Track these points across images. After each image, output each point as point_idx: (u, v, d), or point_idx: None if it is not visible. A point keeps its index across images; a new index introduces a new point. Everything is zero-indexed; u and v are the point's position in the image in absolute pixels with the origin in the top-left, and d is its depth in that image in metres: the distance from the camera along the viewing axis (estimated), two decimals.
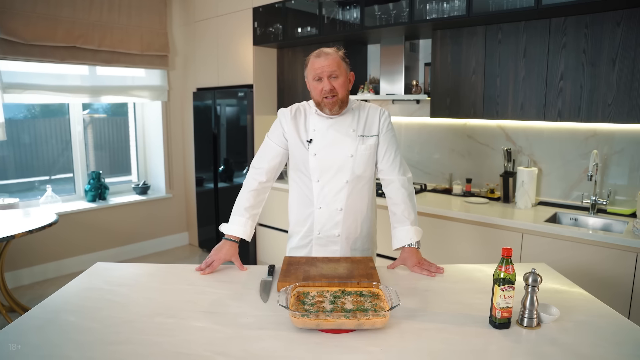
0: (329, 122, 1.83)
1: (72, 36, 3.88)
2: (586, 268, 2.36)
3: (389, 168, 1.85)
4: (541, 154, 3.05)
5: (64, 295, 1.54)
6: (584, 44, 2.54)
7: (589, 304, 1.47)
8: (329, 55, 1.75)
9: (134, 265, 1.85)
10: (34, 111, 4.22)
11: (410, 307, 1.43)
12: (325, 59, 1.75)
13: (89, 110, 4.55)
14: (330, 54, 1.76)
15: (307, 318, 1.24)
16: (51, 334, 1.27)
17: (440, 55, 3.12)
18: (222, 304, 1.47)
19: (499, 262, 1.28)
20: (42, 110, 4.24)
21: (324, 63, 1.74)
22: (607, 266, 2.30)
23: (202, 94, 4.55)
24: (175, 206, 5.02)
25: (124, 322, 1.35)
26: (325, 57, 1.75)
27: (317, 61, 1.76)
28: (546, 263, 2.35)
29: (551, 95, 2.68)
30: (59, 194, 4.27)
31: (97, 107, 4.64)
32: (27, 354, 1.17)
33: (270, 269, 1.75)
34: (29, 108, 4.19)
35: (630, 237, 2.24)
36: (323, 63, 1.74)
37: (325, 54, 1.76)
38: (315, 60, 1.77)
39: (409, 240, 1.78)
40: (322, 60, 1.75)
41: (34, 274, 3.96)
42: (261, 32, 3.96)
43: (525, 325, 1.30)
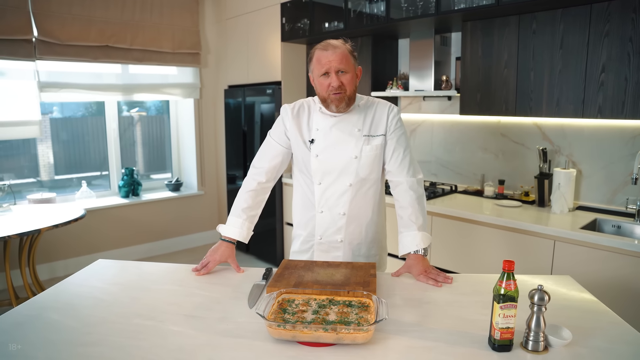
0: (332, 121, 1.72)
1: (105, 36, 3.98)
2: (626, 283, 2.11)
3: (397, 169, 1.71)
4: (581, 154, 2.79)
5: (56, 292, 1.53)
6: (631, 30, 2.28)
7: (613, 327, 1.28)
8: (337, 49, 1.63)
9: (135, 264, 1.83)
10: (91, 110, 4.41)
11: (404, 321, 1.30)
12: (333, 52, 1.62)
13: (138, 108, 4.70)
14: (338, 47, 1.64)
15: (282, 328, 1.15)
16: (28, 331, 1.25)
17: (471, 49, 2.92)
18: (206, 307, 1.40)
19: (499, 277, 1.13)
20: (98, 108, 4.43)
21: (331, 57, 1.62)
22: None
23: (233, 91, 4.55)
24: (206, 203, 5.06)
25: (102, 322, 1.31)
26: (333, 50, 1.63)
27: (324, 55, 1.63)
28: (580, 274, 2.14)
29: (590, 89, 2.43)
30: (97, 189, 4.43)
31: (150, 105, 4.80)
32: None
33: (267, 272, 1.66)
34: (86, 106, 4.39)
35: None
36: (331, 57, 1.62)
37: (333, 47, 1.64)
38: (322, 54, 1.64)
39: (415, 246, 1.64)
40: (330, 54, 1.62)
41: (68, 266, 4.10)
42: (289, 28, 3.89)
43: (530, 349, 1.14)
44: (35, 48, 3.65)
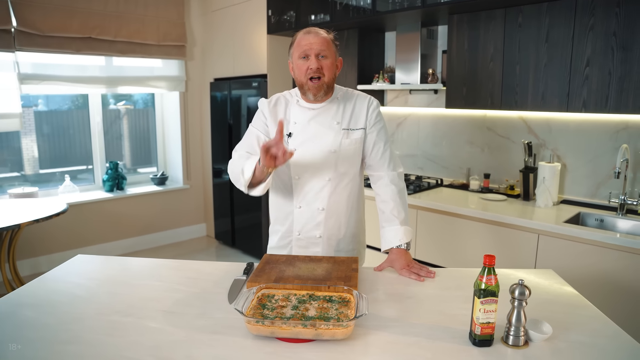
0: (311, 114, 1.69)
1: (88, 27, 3.90)
2: (609, 276, 2.13)
3: (377, 163, 1.70)
4: (566, 148, 2.80)
5: (33, 289, 1.49)
6: (615, 25, 2.28)
7: (593, 321, 1.28)
8: (320, 34, 1.61)
9: (115, 259, 1.79)
10: (77, 103, 4.33)
11: (385, 316, 1.29)
12: (315, 36, 1.60)
13: (125, 102, 4.63)
14: (320, 33, 1.62)
15: (261, 325, 1.13)
16: (3, 329, 1.21)
17: (457, 42, 2.91)
18: (185, 303, 1.38)
19: (480, 272, 1.12)
20: (84, 101, 4.35)
21: (313, 40, 1.59)
22: (633, 275, 2.07)
23: (219, 84, 4.50)
24: (192, 197, 5.01)
25: (79, 319, 1.28)
26: (315, 34, 1.61)
27: (305, 37, 1.61)
28: (564, 268, 2.15)
29: (575, 83, 2.44)
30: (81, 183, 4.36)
31: (137, 98, 4.71)
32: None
33: (248, 267, 1.64)
34: (72, 99, 4.30)
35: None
36: (312, 40, 1.59)
37: (316, 32, 1.62)
38: (303, 37, 1.61)
39: (398, 241, 1.63)
40: (312, 37, 1.60)
41: (51, 262, 4.03)
42: (275, 20, 3.85)
43: (511, 344, 1.13)
44: (15, 39, 3.56)
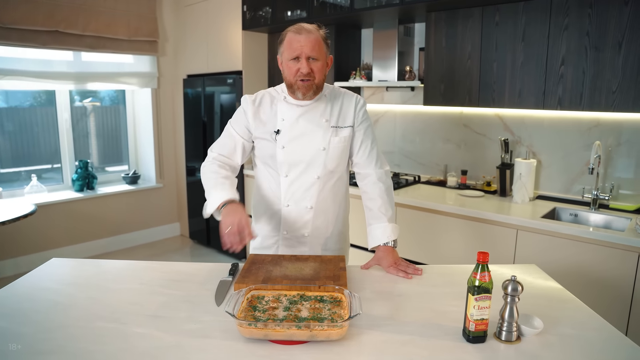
0: (299, 111, 1.66)
1: (54, 20, 3.73)
2: (585, 268, 2.19)
3: (365, 161, 1.69)
4: (541, 145, 2.87)
5: (4, 296, 1.41)
6: (588, 25, 2.35)
7: (579, 314, 1.31)
8: (311, 34, 1.56)
9: (92, 262, 1.72)
10: (40, 99, 4.13)
11: (377, 315, 1.28)
12: (306, 37, 1.54)
13: (92, 98, 4.45)
14: (311, 32, 1.56)
15: (254, 327, 1.10)
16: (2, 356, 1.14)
17: (435, 39, 2.93)
18: (171, 307, 1.33)
19: (474, 269, 1.13)
20: (47, 97, 4.15)
21: (304, 42, 1.54)
22: (607, 266, 2.14)
23: (192, 80, 4.40)
24: (166, 196, 4.90)
25: (60, 326, 1.21)
26: (306, 35, 1.55)
27: (296, 38, 1.55)
28: (542, 262, 2.20)
29: (551, 81, 2.49)
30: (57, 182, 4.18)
31: (103, 95, 4.55)
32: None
33: (233, 267, 1.60)
34: (34, 96, 4.09)
35: (632, 236, 2.07)
36: (303, 42, 1.54)
37: (307, 32, 1.56)
38: (294, 37, 1.56)
39: (385, 238, 1.62)
40: (303, 38, 1.54)
41: (19, 265, 3.86)
42: (250, 16, 3.79)
43: (504, 340, 1.14)
44: None
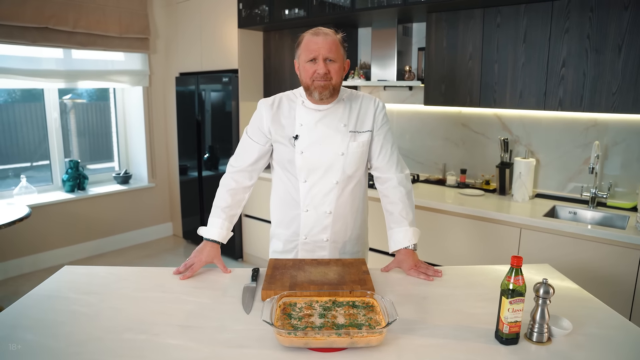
0: (317, 116, 1.66)
1: (43, 16, 3.63)
2: (587, 265, 2.26)
3: (386, 165, 1.70)
4: (539, 144, 2.93)
5: (23, 307, 1.37)
6: (588, 28, 2.40)
7: (601, 313, 1.35)
8: (328, 36, 1.57)
9: (104, 269, 1.69)
10: (15, 95, 3.98)
11: (408, 319, 1.30)
12: (324, 38, 1.56)
13: (71, 95, 4.33)
14: (328, 35, 1.58)
15: (294, 336, 1.11)
16: (3, 357, 1.11)
17: (436, 40, 2.96)
18: (199, 315, 1.32)
19: (508, 272, 1.15)
20: (22, 94, 3.99)
21: (321, 44, 1.55)
22: (608, 263, 2.20)
23: (185, 79, 4.34)
24: (158, 196, 4.83)
25: (89, 339, 1.19)
26: (324, 36, 1.56)
27: (313, 40, 1.56)
28: (546, 260, 2.25)
29: (552, 83, 2.54)
30: (37, 182, 4.06)
31: (81, 92, 4.42)
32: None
33: (254, 273, 1.60)
34: (9, 92, 3.95)
35: (633, 234, 2.14)
36: (321, 44, 1.55)
37: (324, 34, 1.57)
38: (311, 39, 1.57)
39: (407, 242, 1.64)
40: (321, 39, 1.56)
41: (8, 269, 3.77)
42: (246, 14, 3.75)
43: (535, 341, 1.17)
44: None
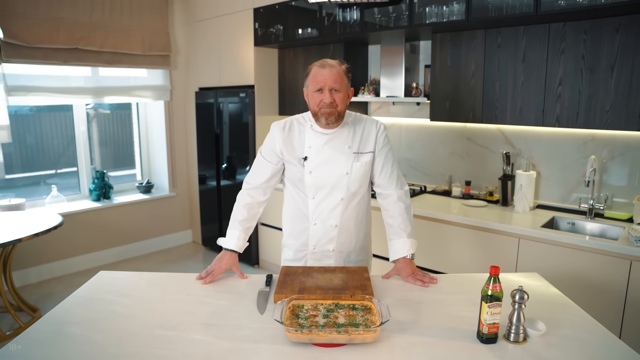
0: (324, 139, 1.84)
1: (74, 38, 3.92)
2: (581, 275, 2.39)
3: (386, 183, 1.88)
4: (540, 158, 3.07)
5: (68, 307, 1.59)
6: (583, 49, 2.54)
7: (577, 318, 1.50)
8: (333, 68, 1.75)
9: (136, 274, 1.89)
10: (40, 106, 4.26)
11: (402, 320, 1.47)
12: (329, 71, 1.74)
13: (94, 104, 4.60)
14: (334, 67, 1.76)
15: (300, 333, 1.29)
16: (57, 346, 1.32)
17: (440, 59, 3.13)
18: (220, 315, 1.52)
19: (487, 280, 1.32)
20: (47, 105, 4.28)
21: (327, 75, 1.74)
22: (601, 272, 2.33)
23: (204, 93, 4.59)
24: (178, 204, 5.08)
25: (127, 334, 1.40)
26: (330, 69, 1.75)
27: (320, 72, 1.75)
28: (542, 269, 2.40)
29: (549, 100, 2.69)
30: (63, 189, 4.34)
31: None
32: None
33: (268, 278, 1.79)
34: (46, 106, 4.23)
35: (624, 244, 2.27)
36: (327, 75, 1.74)
37: (330, 66, 1.76)
38: (318, 71, 1.76)
39: (405, 252, 1.82)
40: (327, 71, 1.74)
41: (41, 272, 4.04)
42: (262, 33, 3.97)
43: (512, 341, 1.34)
44: (1, 51, 3.56)
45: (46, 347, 1.32)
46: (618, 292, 2.28)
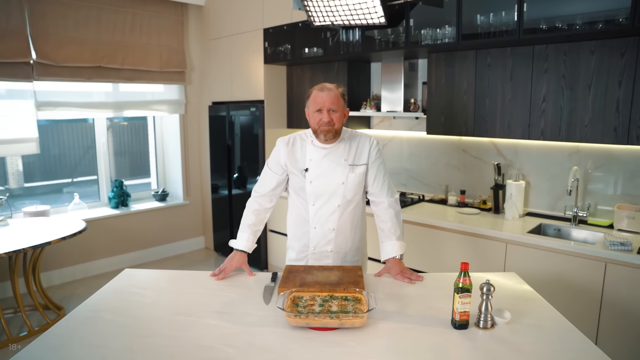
0: (323, 153, 2.09)
1: (98, 56, 4.24)
2: (562, 277, 2.59)
3: (378, 191, 2.11)
4: (529, 168, 3.28)
5: (101, 297, 1.84)
6: (563, 69, 2.77)
7: (541, 309, 1.71)
8: (331, 92, 2.00)
9: (157, 272, 2.15)
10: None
11: (388, 310, 1.70)
12: (327, 94, 1.99)
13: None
14: (332, 90, 2.01)
15: (298, 318, 1.52)
16: (94, 328, 1.57)
17: (435, 77, 3.37)
18: (231, 305, 1.76)
19: (458, 274, 1.54)
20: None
21: (325, 97, 1.99)
22: (579, 274, 2.53)
23: (217, 107, 4.87)
24: (192, 212, 5.35)
25: (153, 319, 1.64)
26: (328, 92, 2.00)
27: (319, 95, 2.00)
28: (527, 271, 2.61)
29: (535, 116, 2.91)
30: (82, 197, 4.63)
31: None
32: (75, 345, 1.47)
33: (273, 275, 2.03)
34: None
35: (600, 248, 2.47)
36: (325, 97, 1.99)
37: (328, 90, 2.01)
38: (318, 94, 2.01)
39: (394, 253, 2.04)
40: (325, 94, 1.99)
41: (64, 275, 4.32)
42: (271, 52, 4.25)
43: (481, 327, 1.55)
44: (33, 69, 3.88)
45: (85, 327, 1.57)
46: (595, 292, 2.48)
